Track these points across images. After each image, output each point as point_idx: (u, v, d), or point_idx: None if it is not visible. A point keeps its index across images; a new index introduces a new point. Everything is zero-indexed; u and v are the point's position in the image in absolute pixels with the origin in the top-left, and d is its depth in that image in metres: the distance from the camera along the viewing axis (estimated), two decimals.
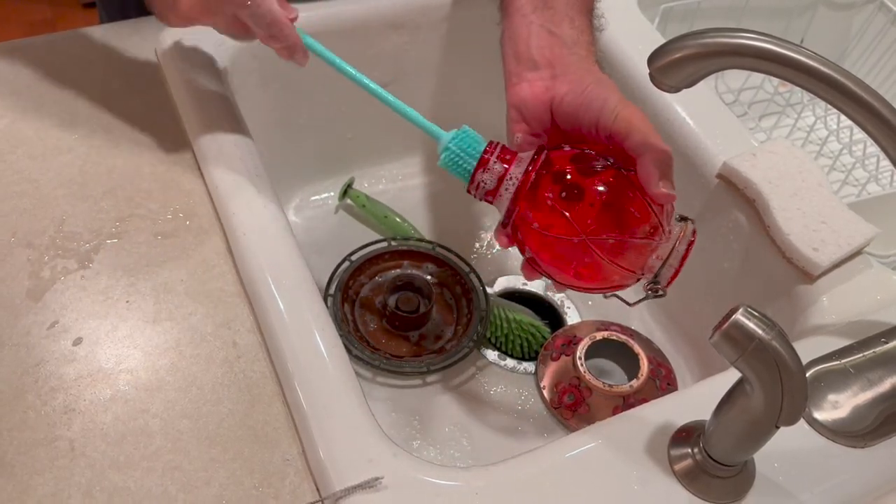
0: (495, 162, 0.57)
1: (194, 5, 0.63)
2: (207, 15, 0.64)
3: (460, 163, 0.59)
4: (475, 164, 0.58)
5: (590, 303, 0.87)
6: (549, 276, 0.58)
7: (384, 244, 0.84)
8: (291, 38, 0.63)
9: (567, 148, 0.57)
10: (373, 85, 0.61)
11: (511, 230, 0.58)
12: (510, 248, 0.90)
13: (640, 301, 0.59)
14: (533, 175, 0.55)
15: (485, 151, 0.57)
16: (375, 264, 0.83)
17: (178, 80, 0.74)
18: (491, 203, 0.58)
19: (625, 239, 0.54)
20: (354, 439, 0.54)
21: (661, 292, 0.56)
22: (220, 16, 0.64)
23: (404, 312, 0.79)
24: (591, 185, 0.55)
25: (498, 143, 0.58)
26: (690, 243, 0.56)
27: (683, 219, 0.57)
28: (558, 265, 0.57)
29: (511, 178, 0.56)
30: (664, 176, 0.55)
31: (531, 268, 0.59)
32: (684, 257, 0.55)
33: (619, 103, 0.57)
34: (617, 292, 0.59)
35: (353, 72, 0.61)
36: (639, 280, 0.56)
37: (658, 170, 0.54)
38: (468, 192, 0.58)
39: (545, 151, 0.57)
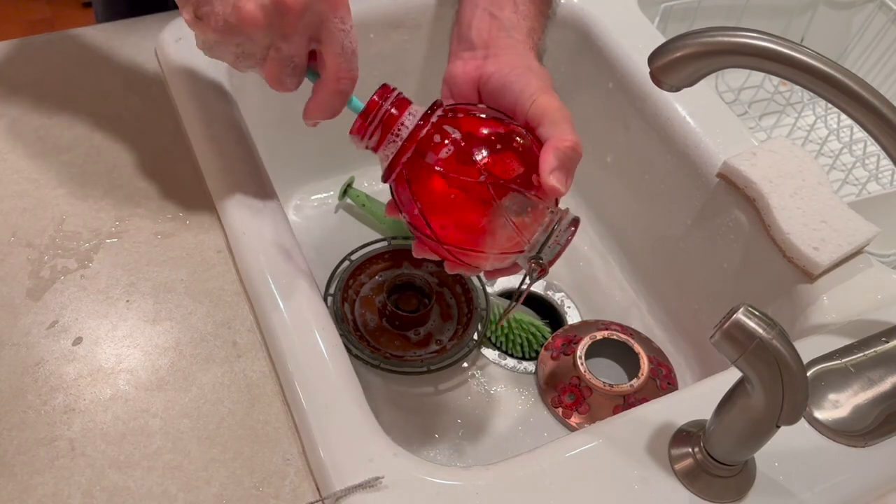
0: (393, 100, 0.55)
1: (253, 14, 0.52)
2: (258, 29, 0.53)
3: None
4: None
5: (590, 301, 0.87)
6: (436, 237, 0.56)
7: (384, 243, 0.84)
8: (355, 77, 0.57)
9: (477, 106, 0.58)
10: None
11: (399, 179, 0.55)
12: None
13: (524, 282, 0.57)
14: (435, 116, 0.55)
15: (379, 93, 0.55)
16: (375, 263, 0.83)
17: (177, 79, 0.74)
18: (375, 151, 0.56)
19: (522, 191, 0.53)
20: (355, 439, 0.54)
21: (537, 272, 0.55)
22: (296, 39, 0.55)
23: (404, 312, 0.79)
24: (498, 130, 0.55)
25: (395, 88, 0.56)
26: (575, 225, 0.55)
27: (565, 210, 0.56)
28: (449, 214, 0.54)
29: (411, 116, 0.55)
30: (561, 167, 0.54)
31: (420, 230, 0.56)
32: (570, 237, 0.54)
33: (538, 90, 0.57)
34: (500, 273, 0.58)
35: None
36: (519, 253, 0.55)
37: (555, 160, 0.54)
38: (351, 133, 0.56)
39: (440, 104, 0.56)
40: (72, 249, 0.64)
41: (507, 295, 0.85)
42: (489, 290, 0.84)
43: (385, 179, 0.56)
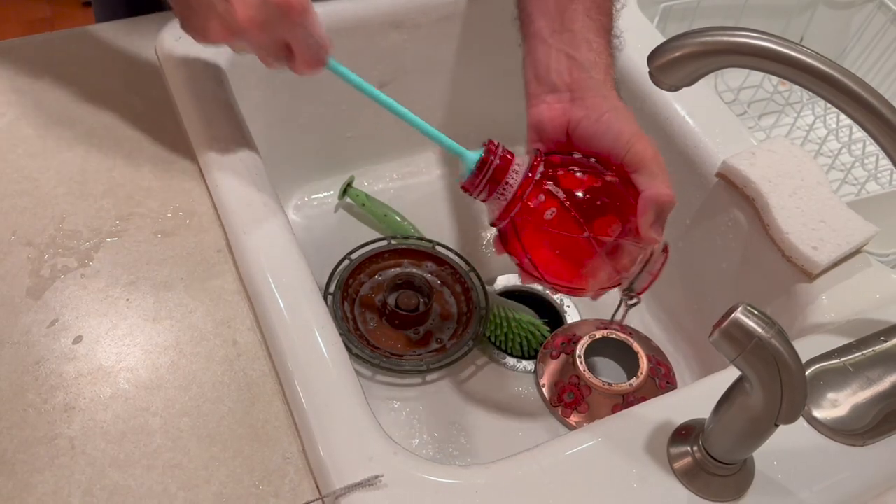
0: (499, 156, 0.59)
1: (251, 19, 0.57)
2: (259, 31, 0.58)
3: None
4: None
5: (590, 302, 0.87)
6: (542, 277, 0.61)
7: (384, 243, 0.84)
8: (324, 62, 0.62)
9: (573, 155, 0.61)
10: (396, 104, 0.61)
11: (507, 228, 0.60)
12: None
13: (618, 311, 0.63)
14: (538, 172, 0.58)
15: (487, 150, 0.59)
16: (375, 263, 0.83)
17: (177, 79, 0.74)
18: (485, 201, 0.60)
19: (620, 241, 0.57)
20: (354, 437, 0.54)
21: (635, 299, 0.61)
22: (270, 35, 0.59)
23: (404, 311, 0.79)
24: (596, 185, 0.58)
25: (499, 144, 0.59)
26: (666, 255, 0.60)
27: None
28: (554, 263, 0.59)
29: (515, 173, 0.58)
30: (657, 220, 0.58)
31: (527, 271, 0.61)
32: (661, 266, 0.60)
33: (632, 137, 0.59)
34: (599, 296, 0.63)
35: (377, 92, 0.62)
36: (618, 284, 0.60)
37: (654, 214, 0.57)
38: (464, 188, 0.60)
39: (543, 154, 0.60)
40: (72, 248, 0.64)
41: (508, 294, 0.85)
42: (489, 289, 0.84)
43: (493, 225, 0.61)
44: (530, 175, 0.58)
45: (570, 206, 0.57)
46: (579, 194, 0.58)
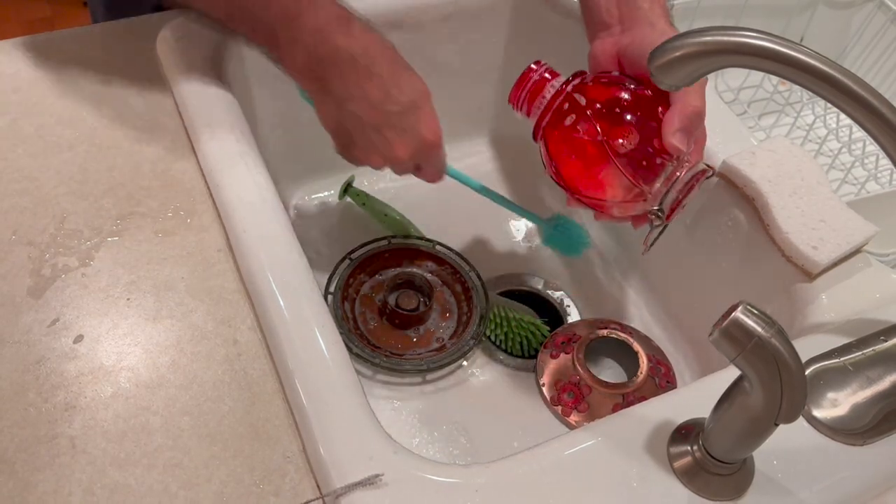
0: (540, 73, 0.66)
1: (406, 155, 0.69)
2: (409, 161, 0.70)
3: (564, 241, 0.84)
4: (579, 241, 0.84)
5: (589, 299, 0.87)
6: (565, 185, 0.66)
7: (384, 242, 0.84)
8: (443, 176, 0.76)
9: (615, 74, 0.66)
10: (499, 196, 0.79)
11: (541, 140, 0.66)
12: (510, 246, 0.90)
13: (649, 239, 0.66)
14: (570, 86, 0.65)
15: (528, 69, 0.67)
16: (375, 262, 0.83)
17: (178, 78, 0.74)
18: (528, 116, 0.67)
19: (640, 150, 0.61)
20: (355, 436, 0.54)
21: (660, 220, 0.63)
22: (413, 162, 0.71)
23: (404, 310, 0.79)
24: (620, 95, 0.63)
25: (542, 63, 0.67)
26: (699, 176, 0.61)
27: (708, 166, 0.63)
28: (572, 168, 0.64)
29: (552, 88, 0.65)
30: (683, 128, 0.59)
31: (557, 182, 0.67)
32: (690, 187, 0.61)
33: None
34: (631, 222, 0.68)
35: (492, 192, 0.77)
36: (644, 203, 0.63)
37: (678, 122, 0.59)
38: (509, 101, 0.68)
39: (583, 73, 0.66)
40: (73, 248, 0.64)
41: (509, 294, 0.85)
42: (489, 288, 0.84)
43: (535, 139, 0.67)
44: (563, 88, 0.64)
45: (590, 113, 0.62)
46: (600, 103, 0.62)
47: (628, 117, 0.62)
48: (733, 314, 0.44)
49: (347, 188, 0.90)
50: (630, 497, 0.53)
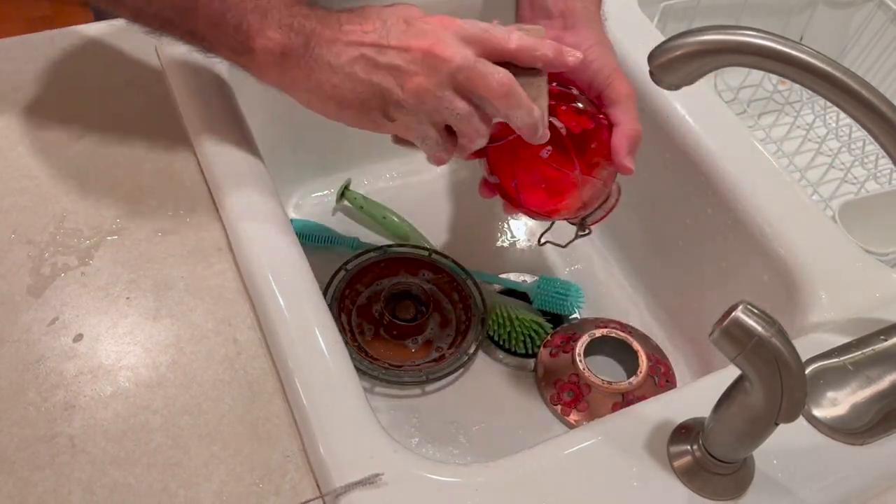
0: None
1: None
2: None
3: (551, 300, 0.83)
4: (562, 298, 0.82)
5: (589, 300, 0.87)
6: (520, 203, 0.65)
7: (380, 252, 0.84)
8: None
9: (571, 90, 0.64)
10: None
11: (503, 147, 0.63)
12: (510, 245, 0.90)
13: (571, 241, 0.69)
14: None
15: None
16: (372, 272, 0.83)
17: (178, 77, 0.74)
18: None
19: (601, 180, 0.63)
20: (355, 436, 0.54)
21: (587, 230, 0.67)
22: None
23: (402, 321, 0.79)
24: (589, 126, 0.62)
25: None
26: (619, 195, 0.67)
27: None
28: (538, 192, 0.63)
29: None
30: (631, 151, 0.62)
31: (507, 196, 0.65)
32: (615, 204, 0.66)
33: (612, 73, 0.64)
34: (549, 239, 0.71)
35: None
36: (578, 216, 0.66)
37: (627, 146, 0.62)
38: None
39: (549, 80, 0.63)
40: (72, 246, 0.64)
41: (509, 293, 0.85)
42: (489, 288, 0.84)
43: (490, 141, 0.62)
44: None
45: (568, 145, 0.61)
46: (576, 133, 0.62)
47: (597, 148, 0.63)
48: (733, 313, 0.44)
49: (344, 191, 0.90)
50: (630, 496, 0.53)
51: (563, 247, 0.71)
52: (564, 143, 0.61)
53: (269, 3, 0.59)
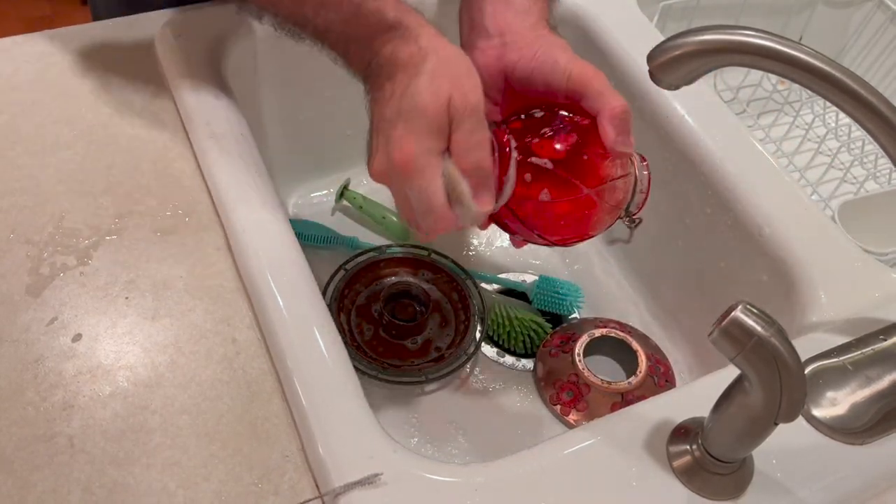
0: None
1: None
2: (380, 176, 0.59)
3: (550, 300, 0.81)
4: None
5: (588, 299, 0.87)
6: (553, 244, 0.61)
7: (379, 251, 0.84)
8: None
9: (533, 115, 0.60)
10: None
11: (503, 213, 0.59)
12: (509, 245, 0.90)
13: (632, 229, 0.64)
14: (511, 150, 0.57)
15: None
16: (371, 272, 0.82)
17: (177, 77, 0.74)
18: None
19: (616, 179, 0.58)
20: (354, 436, 0.54)
21: (637, 220, 0.62)
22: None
23: (401, 321, 0.79)
24: (571, 138, 0.57)
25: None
26: (647, 168, 0.60)
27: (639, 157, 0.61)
28: (562, 228, 0.59)
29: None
30: (620, 131, 0.57)
31: (535, 242, 0.61)
32: (649, 181, 0.60)
33: (568, 62, 0.59)
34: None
35: None
36: (618, 217, 0.60)
37: (615, 129, 0.56)
38: None
39: (504, 129, 0.59)
40: (71, 246, 0.64)
41: (508, 293, 0.85)
42: (489, 287, 0.84)
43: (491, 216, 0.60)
44: (507, 153, 0.57)
45: (561, 173, 0.57)
46: (564, 156, 0.57)
47: (592, 155, 0.58)
48: (733, 313, 0.44)
49: (344, 191, 0.90)
50: (629, 496, 0.53)
51: (627, 242, 0.65)
52: (558, 175, 0.57)
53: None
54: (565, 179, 0.57)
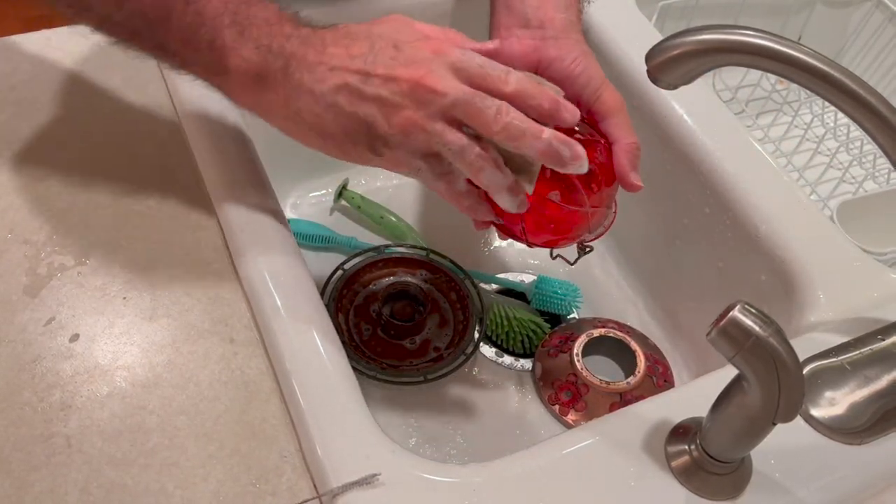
0: None
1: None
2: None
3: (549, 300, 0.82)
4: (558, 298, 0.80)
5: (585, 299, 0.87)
6: (528, 239, 0.61)
7: (377, 251, 0.83)
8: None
9: None
10: None
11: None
12: (508, 245, 0.90)
13: (577, 259, 0.65)
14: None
15: None
16: (369, 272, 0.82)
17: (176, 76, 0.74)
18: None
19: (609, 206, 0.61)
20: (352, 436, 0.54)
21: (588, 249, 0.63)
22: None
23: (399, 321, 0.78)
24: (593, 155, 0.58)
25: None
26: (615, 210, 0.63)
27: None
28: (550, 234, 0.61)
29: None
30: (635, 168, 0.59)
31: (517, 238, 0.62)
32: (613, 219, 0.63)
33: (601, 85, 0.60)
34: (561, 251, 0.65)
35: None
36: (581, 239, 0.62)
37: (630, 163, 0.58)
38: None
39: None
40: (69, 246, 0.64)
41: (506, 293, 0.85)
42: (488, 287, 0.84)
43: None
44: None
45: (577, 183, 0.58)
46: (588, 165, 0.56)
47: (596, 173, 0.58)
48: (731, 313, 0.44)
49: (342, 191, 0.90)
50: (628, 496, 0.53)
51: (572, 264, 0.66)
52: (572, 182, 0.57)
53: (249, 20, 0.55)
54: (576, 191, 0.57)
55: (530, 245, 0.62)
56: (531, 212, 0.58)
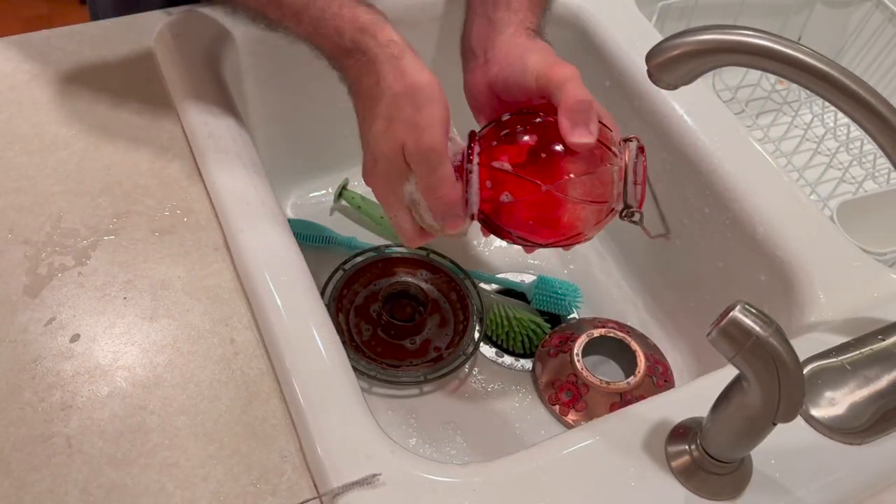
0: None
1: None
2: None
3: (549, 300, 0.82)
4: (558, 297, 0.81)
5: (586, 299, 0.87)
6: (537, 244, 0.61)
7: (378, 252, 0.84)
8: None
9: (503, 118, 0.60)
10: None
11: (481, 218, 0.60)
12: (508, 245, 0.90)
13: (645, 230, 0.62)
14: (474, 162, 0.58)
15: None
16: (369, 272, 0.82)
17: (175, 76, 0.74)
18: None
19: (582, 174, 0.57)
20: (352, 436, 0.54)
21: (636, 214, 0.59)
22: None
23: (399, 321, 0.78)
24: (525, 141, 0.58)
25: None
26: (641, 156, 0.59)
27: (626, 139, 0.59)
28: (536, 227, 0.59)
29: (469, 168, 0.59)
30: (576, 123, 0.56)
31: (520, 245, 0.62)
32: (644, 170, 0.59)
33: (537, 63, 0.59)
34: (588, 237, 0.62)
35: None
36: (614, 211, 0.59)
37: (570, 120, 0.56)
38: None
39: (474, 138, 0.59)
40: (69, 246, 0.64)
41: (506, 293, 0.85)
42: (488, 287, 0.84)
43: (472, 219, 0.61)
44: (469, 161, 0.58)
45: (518, 172, 0.57)
46: (523, 157, 0.57)
47: (558, 148, 0.56)
48: (731, 313, 0.44)
49: (342, 191, 0.90)
50: (628, 496, 0.53)
51: (653, 238, 0.65)
52: (518, 176, 0.57)
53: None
54: (523, 179, 0.57)
55: (556, 245, 0.61)
56: (507, 221, 0.59)
